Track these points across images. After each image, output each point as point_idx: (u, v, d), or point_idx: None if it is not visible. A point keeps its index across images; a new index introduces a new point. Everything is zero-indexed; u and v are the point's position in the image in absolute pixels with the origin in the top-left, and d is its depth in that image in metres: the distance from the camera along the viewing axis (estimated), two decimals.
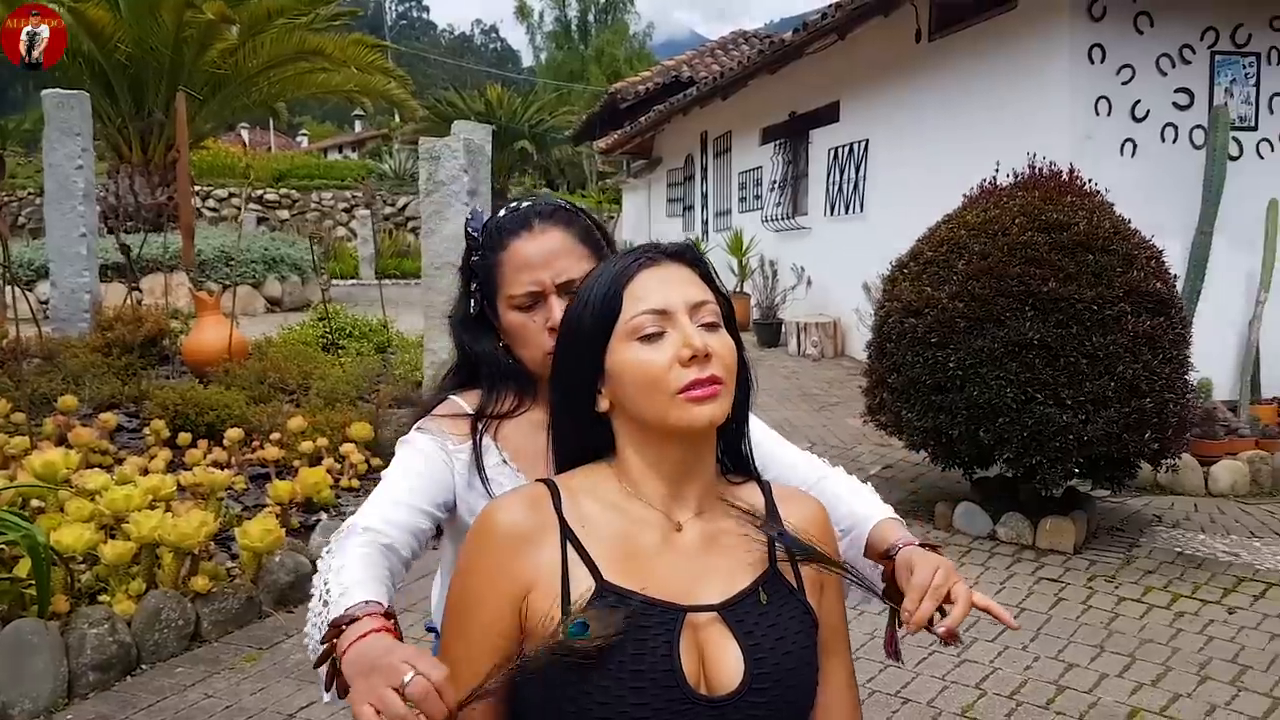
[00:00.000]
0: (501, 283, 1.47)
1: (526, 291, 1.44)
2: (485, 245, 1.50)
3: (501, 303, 1.48)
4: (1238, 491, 5.99)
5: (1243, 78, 6.67)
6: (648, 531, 1.14)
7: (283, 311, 14.71)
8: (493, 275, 1.48)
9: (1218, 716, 3.25)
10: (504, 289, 1.46)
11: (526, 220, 1.47)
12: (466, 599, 1.13)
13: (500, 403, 1.50)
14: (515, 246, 1.45)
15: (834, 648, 1.22)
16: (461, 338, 1.55)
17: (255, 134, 42.37)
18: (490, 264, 1.48)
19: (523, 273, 1.44)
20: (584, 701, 1.04)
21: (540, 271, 1.43)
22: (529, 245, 1.45)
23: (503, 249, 1.46)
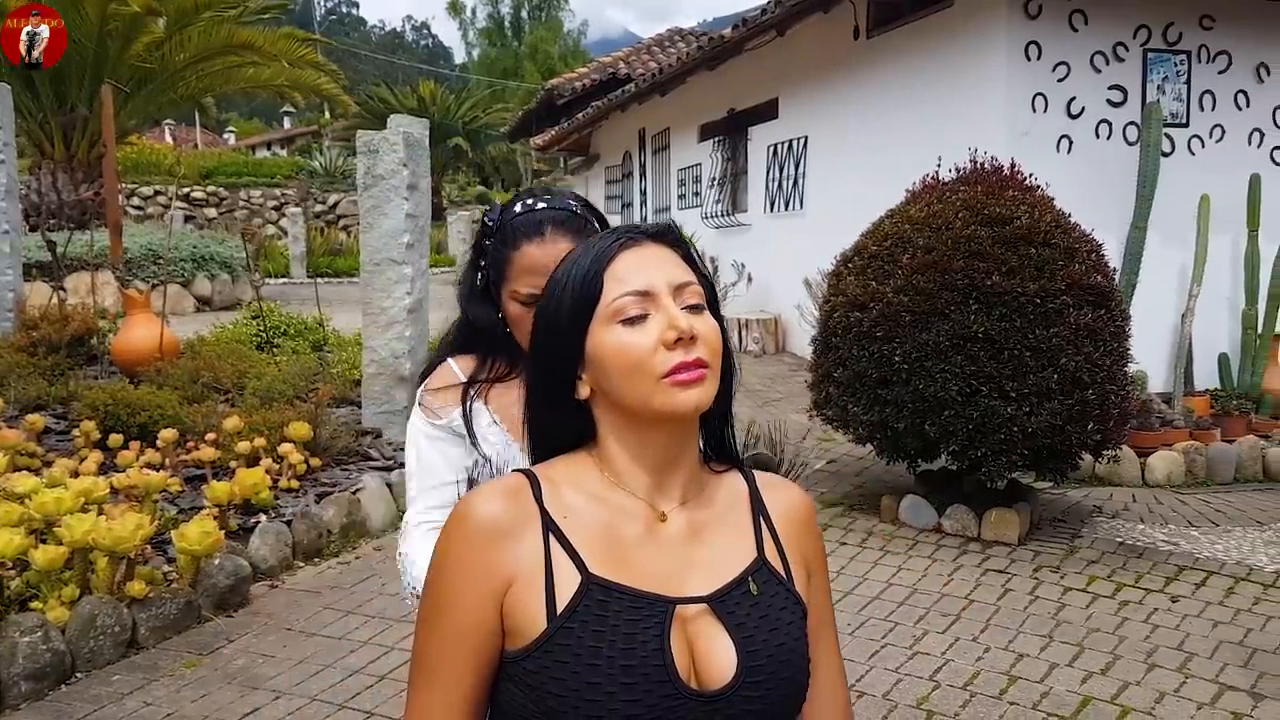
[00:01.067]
0: (508, 276, 1.59)
1: (529, 292, 1.54)
2: (499, 237, 1.60)
3: (505, 292, 1.60)
4: (1173, 482, 6.12)
5: (1174, 75, 6.82)
6: (632, 522, 1.10)
7: (213, 310, 14.36)
8: (501, 267, 1.60)
9: (1167, 703, 3.30)
10: (510, 283, 1.59)
11: (540, 226, 1.57)
12: (442, 594, 1.07)
13: (493, 369, 1.66)
14: (526, 249, 1.56)
15: (822, 635, 1.19)
16: (466, 304, 1.67)
17: (181, 131, 41.42)
18: (501, 257, 1.60)
19: (529, 275, 1.55)
20: (572, 699, 0.99)
21: (543, 278, 1.48)
22: (538, 251, 1.55)
23: (514, 248, 1.58)
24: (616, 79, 16.02)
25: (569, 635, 1.01)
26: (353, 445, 5.73)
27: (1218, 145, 7.00)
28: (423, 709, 1.07)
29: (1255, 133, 7.11)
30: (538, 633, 1.02)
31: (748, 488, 1.19)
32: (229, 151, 36.32)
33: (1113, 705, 3.28)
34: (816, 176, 9.27)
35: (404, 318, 5.87)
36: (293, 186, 28.42)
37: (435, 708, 1.06)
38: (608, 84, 16.02)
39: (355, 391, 6.69)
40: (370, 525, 5.06)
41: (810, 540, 1.19)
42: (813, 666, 1.13)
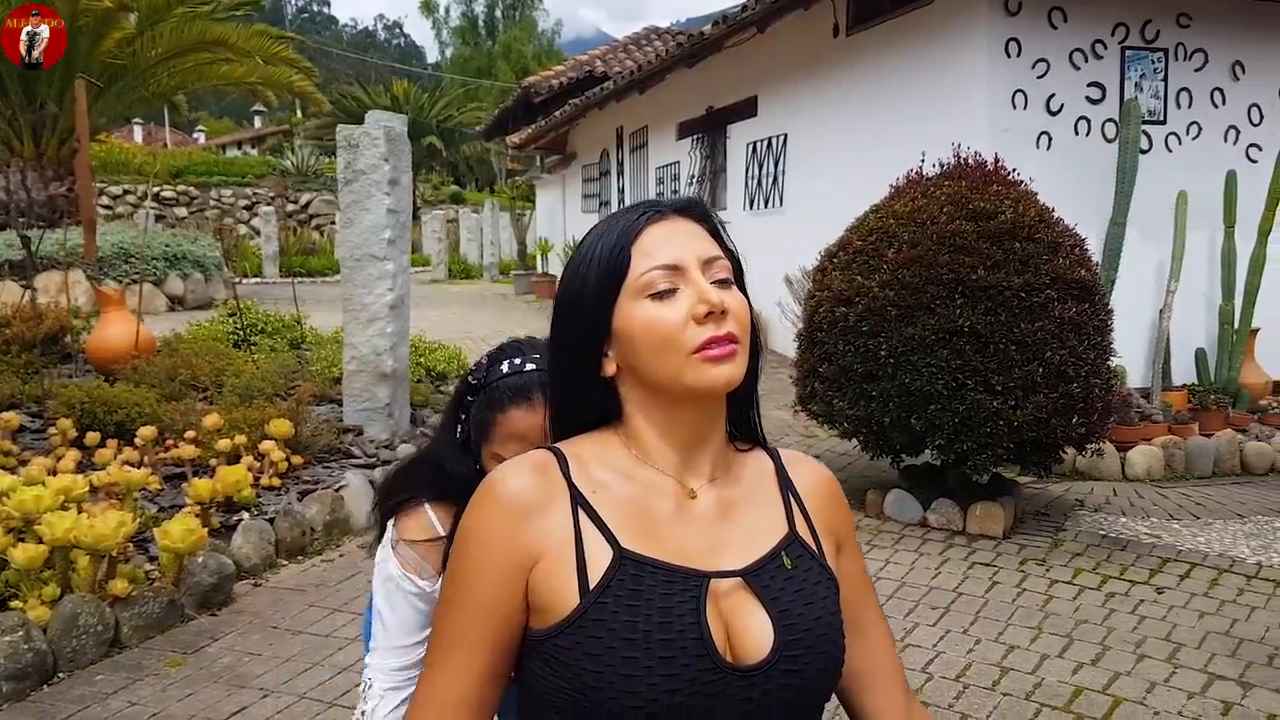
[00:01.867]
0: (492, 438, 1.56)
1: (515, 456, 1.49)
2: (483, 398, 1.57)
3: (486, 451, 1.57)
4: (1153, 476, 6.17)
5: (1151, 72, 6.87)
6: (661, 499, 1.08)
7: (186, 310, 14.21)
8: (485, 428, 1.57)
9: (1158, 693, 3.31)
10: (492, 445, 1.55)
11: (528, 393, 1.53)
12: (466, 569, 1.05)
13: None
14: (513, 415, 1.53)
15: (867, 602, 1.18)
16: (444, 460, 1.62)
17: (150, 130, 41.03)
18: (485, 419, 1.56)
19: (513, 441, 1.51)
20: (608, 675, 0.96)
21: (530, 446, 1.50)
22: (525, 418, 1.52)
23: (500, 411, 1.54)
24: (594, 77, 15.99)
25: (603, 610, 0.99)
26: (334, 443, 5.67)
27: (1194, 142, 7.06)
28: (437, 683, 1.06)
29: (1231, 130, 7.17)
30: (569, 609, 1.00)
31: (773, 464, 1.18)
32: (199, 150, 36.03)
33: (1104, 695, 3.29)
34: (796, 174, 9.28)
35: (386, 314, 5.83)
36: (265, 185, 28.22)
37: (450, 682, 1.05)
38: (584, 82, 15.99)
39: (335, 389, 6.62)
40: (353, 523, 5.01)
41: (839, 513, 1.18)
42: (861, 636, 1.13)
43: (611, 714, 0.97)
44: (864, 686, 1.18)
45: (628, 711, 0.96)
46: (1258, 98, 7.23)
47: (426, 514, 1.61)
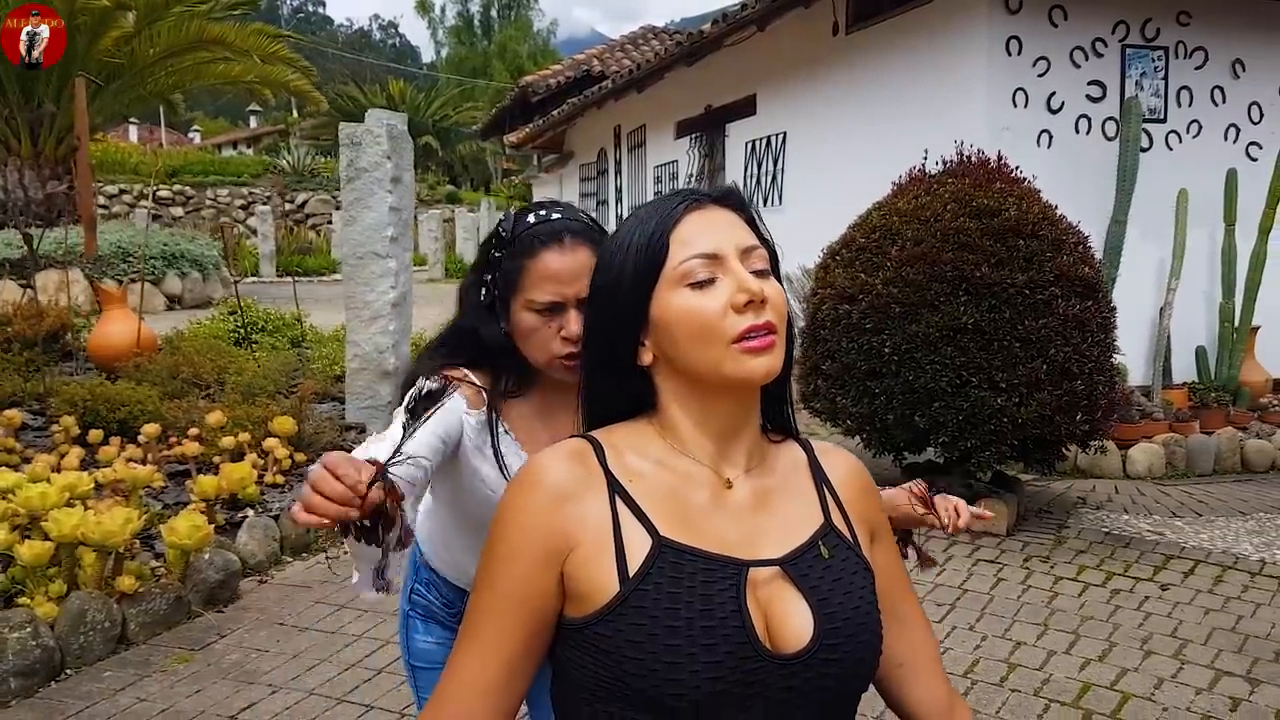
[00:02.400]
0: (524, 286, 1.53)
1: (549, 300, 1.51)
2: (514, 248, 1.55)
3: (518, 302, 1.54)
4: (1154, 473, 6.18)
5: (1152, 71, 6.88)
6: (698, 488, 1.08)
7: (184, 309, 14.19)
8: (515, 277, 1.54)
9: (1166, 689, 3.32)
10: (525, 292, 1.53)
11: (559, 234, 1.53)
12: (501, 553, 1.05)
13: (506, 384, 1.61)
14: (545, 256, 1.51)
15: (901, 595, 1.18)
16: (473, 321, 1.61)
17: (145, 130, 40.93)
18: (515, 266, 1.54)
19: (548, 282, 1.51)
20: (650, 662, 0.97)
21: (565, 285, 1.51)
22: (559, 259, 1.51)
23: (532, 256, 1.52)
24: (590, 76, 15.98)
25: (643, 598, 0.99)
26: (336, 440, 5.66)
27: (1195, 140, 7.07)
28: (463, 664, 1.06)
29: (1231, 128, 7.18)
30: (609, 596, 1.00)
31: (806, 455, 1.18)
32: (195, 150, 35.95)
33: (1112, 691, 3.30)
34: (795, 172, 9.29)
35: (388, 311, 5.82)
36: (266, 185, 28.20)
37: (474, 665, 1.05)
38: (582, 81, 15.98)
39: (336, 387, 6.63)
40: None
41: (872, 504, 1.19)
42: (899, 624, 1.14)
43: (652, 701, 0.97)
44: (905, 678, 1.18)
45: (668, 699, 0.96)
46: (1258, 96, 7.24)
47: (467, 376, 1.59)
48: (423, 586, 1.84)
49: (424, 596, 1.84)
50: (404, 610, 1.89)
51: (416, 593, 1.85)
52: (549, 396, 1.62)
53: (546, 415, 1.62)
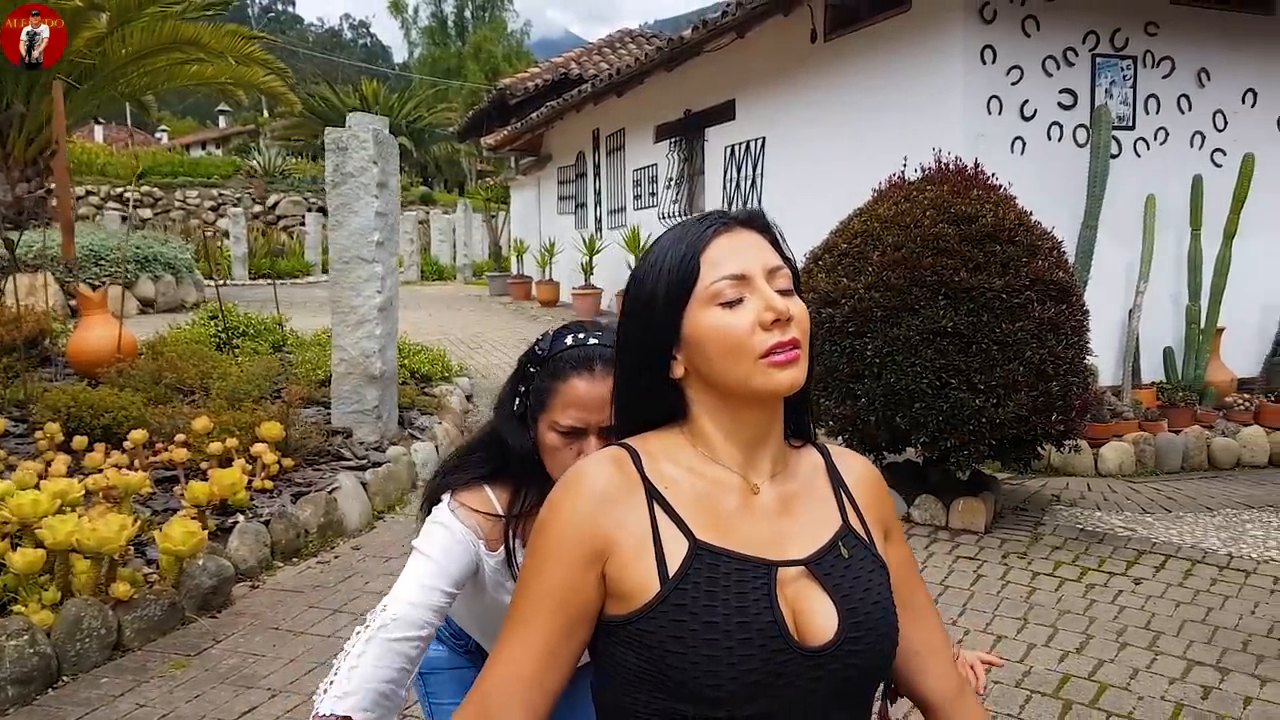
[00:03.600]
0: (550, 407, 1.58)
1: (570, 425, 1.56)
2: (547, 368, 1.61)
3: (544, 421, 1.60)
4: (1124, 471, 6.33)
5: (1121, 79, 7.04)
6: (728, 494, 1.16)
7: (157, 313, 14.13)
8: (544, 396, 1.60)
9: (1141, 679, 3.43)
10: (550, 414, 1.58)
11: (590, 362, 1.58)
12: (545, 552, 1.13)
13: (527, 501, 1.65)
14: (574, 383, 1.57)
15: (913, 589, 1.27)
16: (503, 432, 1.67)
17: (112, 130, 40.51)
18: (546, 387, 1.60)
19: (573, 408, 1.56)
20: (690, 656, 1.04)
21: (589, 413, 1.56)
22: (587, 386, 1.56)
23: (562, 380, 1.58)
24: (569, 79, 16.03)
25: (683, 596, 1.06)
26: (323, 445, 5.70)
27: (1162, 147, 7.24)
28: (503, 657, 1.13)
29: (1197, 135, 7.36)
30: (650, 595, 1.08)
31: (823, 460, 1.26)
32: (164, 151, 35.63)
33: (1090, 682, 3.41)
34: (774, 177, 9.40)
35: (374, 316, 5.86)
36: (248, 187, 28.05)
37: (514, 658, 1.12)
38: (560, 84, 16.03)
39: (320, 392, 6.65)
40: (347, 525, 5.05)
41: (885, 504, 1.27)
42: (913, 616, 1.22)
43: (692, 692, 1.05)
44: (919, 665, 1.27)
45: (707, 690, 1.04)
46: (1222, 104, 7.42)
47: (485, 492, 1.65)
48: None
49: None
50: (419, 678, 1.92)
51: None
52: None
53: None
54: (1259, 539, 4.95)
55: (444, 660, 1.88)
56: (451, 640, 1.89)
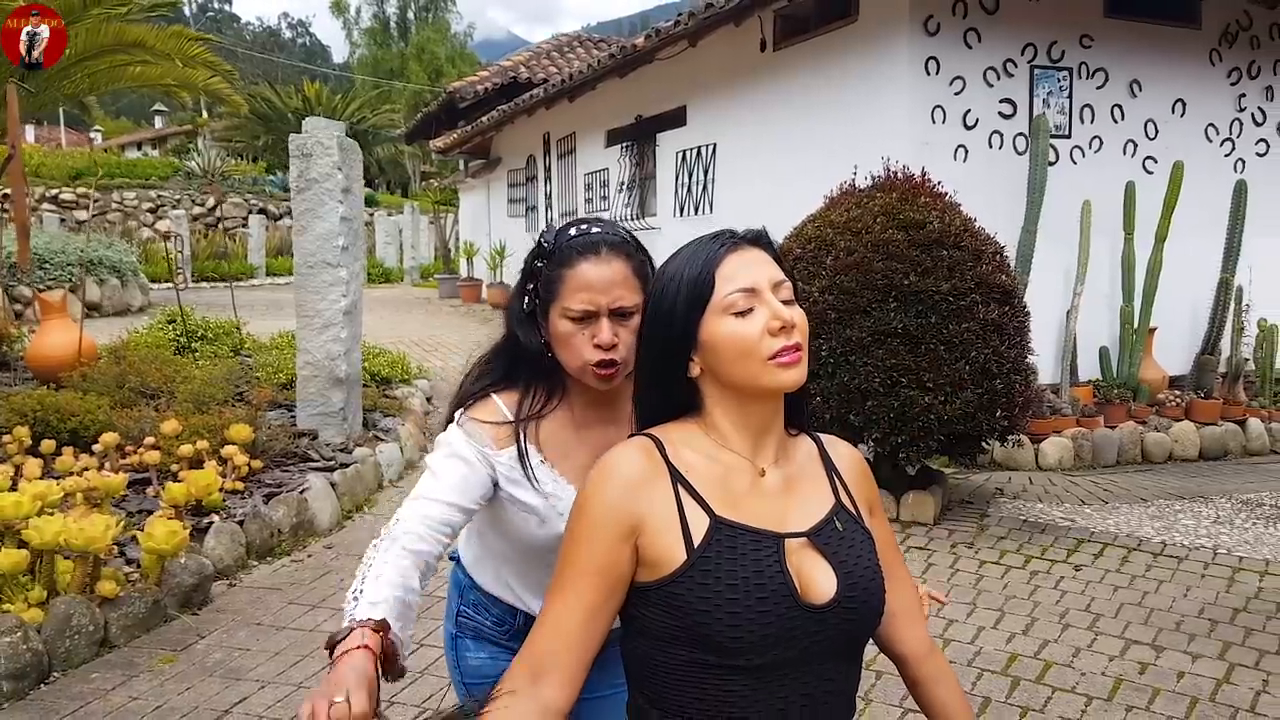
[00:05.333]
0: (560, 295, 1.60)
1: (583, 309, 1.58)
2: (554, 258, 1.63)
3: (555, 310, 1.62)
4: (1064, 465, 6.64)
5: (1058, 90, 7.36)
6: (739, 476, 1.34)
7: (103, 317, 14.00)
8: (554, 286, 1.61)
9: (1083, 657, 3.69)
10: (562, 300, 1.60)
11: (596, 246, 1.61)
12: (582, 528, 1.31)
13: (535, 401, 1.68)
14: (582, 268, 1.59)
15: (893, 558, 1.46)
16: (515, 329, 1.69)
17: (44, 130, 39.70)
18: (554, 276, 1.61)
19: (583, 292, 1.58)
20: (715, 613, 1.22)
21: (599, 295, 1.59)
22: (595, 270, 1.59)
23: (569, 266, 1.60)
24: (518, 83, 16.13)
25: (707, 564, 1.25)
26: (290, 447, 5.79)
27: (1096, 155, 7.58)
28: (551, 618, 1.31)
29: (1130, 143, 7.70)
30: (677, 564, 1.26)
31: (817, 447, 1.45)
32: (99, 152, 35.00)
33: (1036, 660, 3.66)
34: (726, 181, 9.62)
35: (340, 319, 5.96)
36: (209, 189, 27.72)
37: (562, 617, 1.30)
38: (509, 88, 16.12)
39: (283, 394, 6.72)
40: (318, 524, 5.16)
41: (868, 485, 1.46)
42: (891, 582, 1.40)
43: (716, 645, 1.23)
44: (896, 624, 1.46)
45: (729, 642, 1.22)
46: (1154, 113, 7.78)
47: (494, 401, 1.68)
48: (470, 609, 1.87)
49: (472, 619, 1.87)
50: (450, 633, 1.91)
51: (464, 615, 1.88)
52: (580, 412, 1.70)
53: (579, 430, 1.69)
54: (1190, 527, 5.26)
55: (490, 669, 1.83)
56: (496, 629, 1.85)
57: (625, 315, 1.59)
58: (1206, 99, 8.03)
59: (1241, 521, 5.38)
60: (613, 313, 1.58)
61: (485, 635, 1.86)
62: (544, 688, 1.27)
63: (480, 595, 1.85)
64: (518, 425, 1.65)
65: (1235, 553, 4.86)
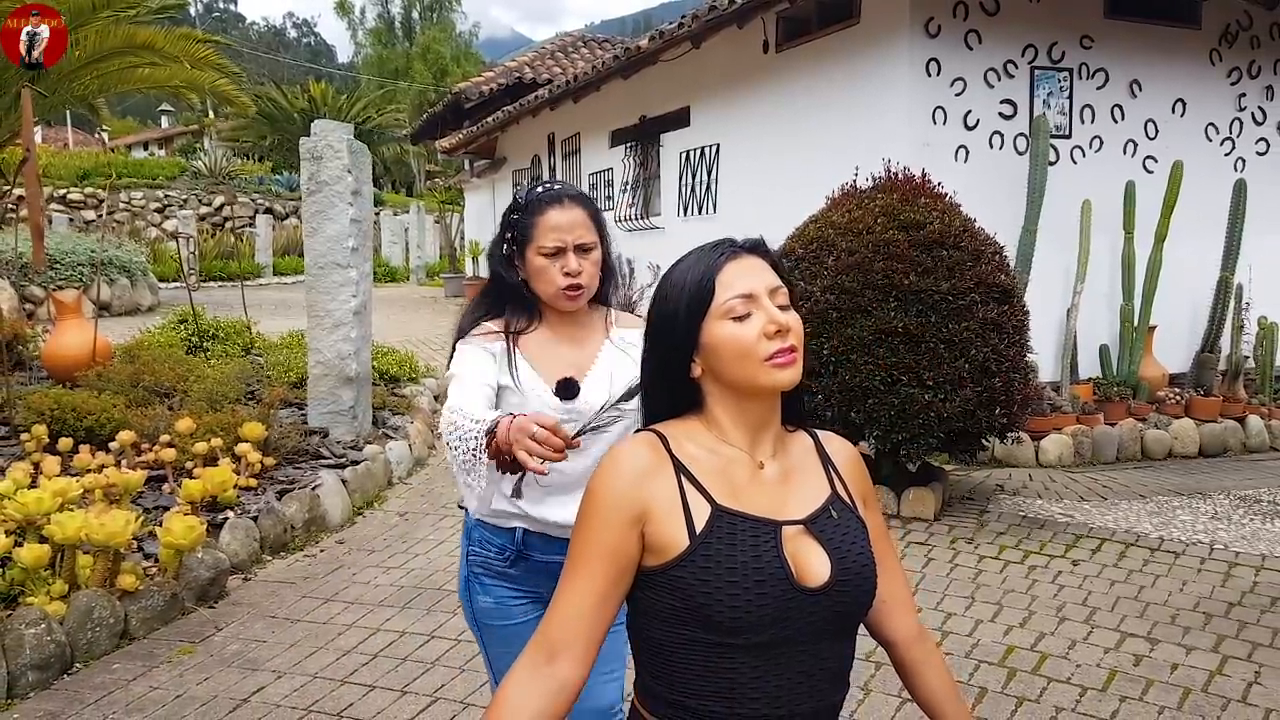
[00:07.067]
0: (534, 237, 2.04)
1: (554, 246, 2.02)
2: (526, 209, 2.07)
3: (531, 250, 2.05)
4: (1063, 462, 6.73)
5: (1058, 90, 7.44)
6: (739, 469, 1.43)
7: (113, 316, 14.13)
8: (528, 231, 2.05)
9: (1079, 649, 3.77)
10: (535, 241, 2.04)
11: (559, 197, 2.06)
12: (594, 516, 1.40)
13: (518, 322, 2.11)
14: (551, 214, 2.04)
15: (885, 548, 1.55)
16: (498, 269, 2.12)
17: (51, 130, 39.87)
18: (529, 223, 2.05)
19: (552, 233, 2.03)
20: (716, 595, 1.32)
21: (565, 233, 2.03)
22: (560, 214, 2.04)
23: (539, 214, 2.05)
24: (523, 84, 16.23)
25: (708, 549, 1.34)
26: (301, 444, 5.89)
27: (1097, 155, 7.65)
28: (565, 599, 1.40)
29: (1130, 143, 7.78)
30: (681, 549, 1.35)
31: (813, 441, 1.55)
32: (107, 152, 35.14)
33: (1032, 652, 3.75)
34: (728, 182, 9.70)
35: (350, 320, 6.06)
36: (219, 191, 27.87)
37: (575, 599, 1.39)
38: (514, 88, 16.22)
39: (294, 393, 6.83)
40: (330, 520, 5.26)
41: (863, 478, 1.55)
42: (883, 570, 1.49)
43: (717, 624, 1.32)
44: (886, 611, 1.55)
45: (729, 622, 1.32)
46: (1153, 113, 7.86)
47: (483, 325, 2.11)
48: (478, 546, 2.14)
49: (480, 554, 2.13)
50: (464, 576, 2.17)
51: (473, 554, 2.15)
52: (554, 329, 2.11)
53: (555, 341, 2.10)
54: (1187, 523, 5.34)
55: (496, 613, 2.13)
56: (499, 558, 2.12)
57: (586, 250, 2.05)
58: (1206, 99, 8.10)
59: (1239, 517, 5.47)
60: (577, 248, 2.04)
61: (493, 568, 2.13)
62: (559, 666, 1.36)
63: (484, 530, 2.14)
64: (506, 335, 2.08)
65: (1232, 548, 4.94)
